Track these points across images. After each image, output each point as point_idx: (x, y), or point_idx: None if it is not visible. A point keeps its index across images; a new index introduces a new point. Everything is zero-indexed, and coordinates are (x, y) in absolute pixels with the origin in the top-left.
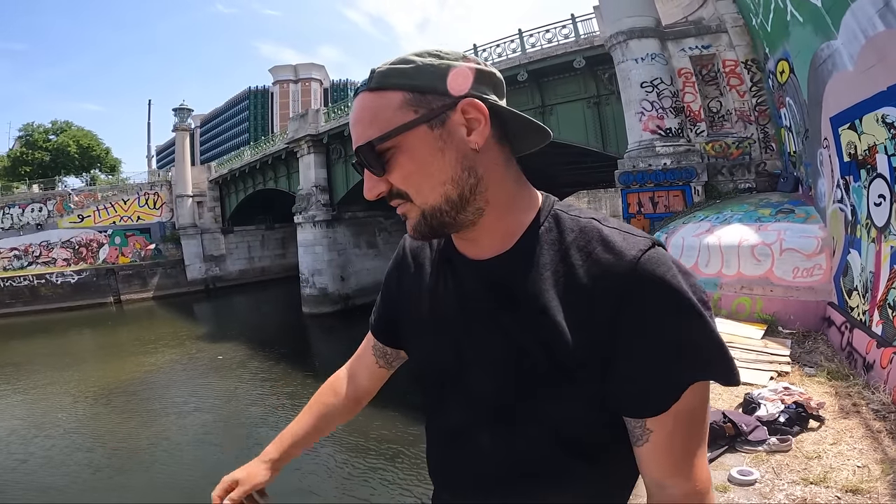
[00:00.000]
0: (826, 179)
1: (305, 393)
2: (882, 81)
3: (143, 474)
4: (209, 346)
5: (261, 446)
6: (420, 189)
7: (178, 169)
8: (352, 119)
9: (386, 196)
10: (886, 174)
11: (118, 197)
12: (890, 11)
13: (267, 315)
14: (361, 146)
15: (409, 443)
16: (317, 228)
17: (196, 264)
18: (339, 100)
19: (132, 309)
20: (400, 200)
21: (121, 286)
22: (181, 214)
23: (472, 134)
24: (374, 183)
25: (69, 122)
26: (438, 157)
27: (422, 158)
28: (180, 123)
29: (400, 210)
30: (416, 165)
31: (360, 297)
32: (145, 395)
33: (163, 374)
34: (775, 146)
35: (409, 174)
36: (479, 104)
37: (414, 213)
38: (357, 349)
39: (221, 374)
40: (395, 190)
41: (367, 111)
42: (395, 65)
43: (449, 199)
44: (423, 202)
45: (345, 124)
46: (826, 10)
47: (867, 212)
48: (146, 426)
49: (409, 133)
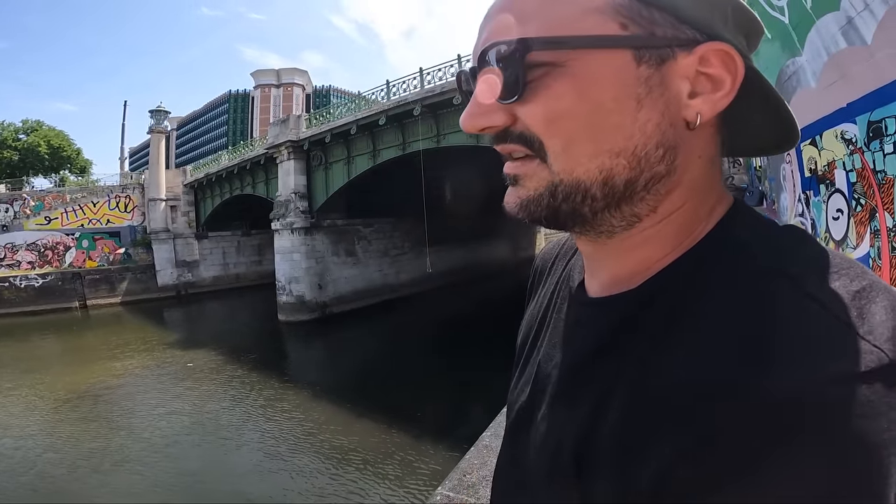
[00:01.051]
0: (788, 194)
1: (280, 400)
2: (842, 98)
3: (111, 479)
4: (179, 352)
5: (233, 455)
6: (572, 145)
7: (151, 172)
8: (495, 5)
9: (494, 137)
10: (844, 189)
11: (88, 199)
12: (853, 28)
13: (241, 322)
14: (502, 44)
15: (388, 453)
16: (295, 235)
17: (168, 270)
18: (322, 105)
19: (99, 314)
20: (520, 150)
21: (87, 291)
22: (153, 218)
23: (698, 99)
24: (488, 109)
25: (40, 121)
26: (630, 107)
27: (599, 99)
28: (156, 125)
29: (512, 168)
30: (586, 106)
31: (338, 306)
32: (111, 401)
33: (129, 381)
34: (742, 161)
35: (565, 115)
36: (734, 56)
37: (537, 180)
38: (333, 358)
39: (192, 381)
40: (519, 131)
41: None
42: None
43: (609, 180)
44: (567, 168)
45: (326, 131)
46: (793, 27)
47: (826, 226)
48: (113, 432)
49: (597, 53)
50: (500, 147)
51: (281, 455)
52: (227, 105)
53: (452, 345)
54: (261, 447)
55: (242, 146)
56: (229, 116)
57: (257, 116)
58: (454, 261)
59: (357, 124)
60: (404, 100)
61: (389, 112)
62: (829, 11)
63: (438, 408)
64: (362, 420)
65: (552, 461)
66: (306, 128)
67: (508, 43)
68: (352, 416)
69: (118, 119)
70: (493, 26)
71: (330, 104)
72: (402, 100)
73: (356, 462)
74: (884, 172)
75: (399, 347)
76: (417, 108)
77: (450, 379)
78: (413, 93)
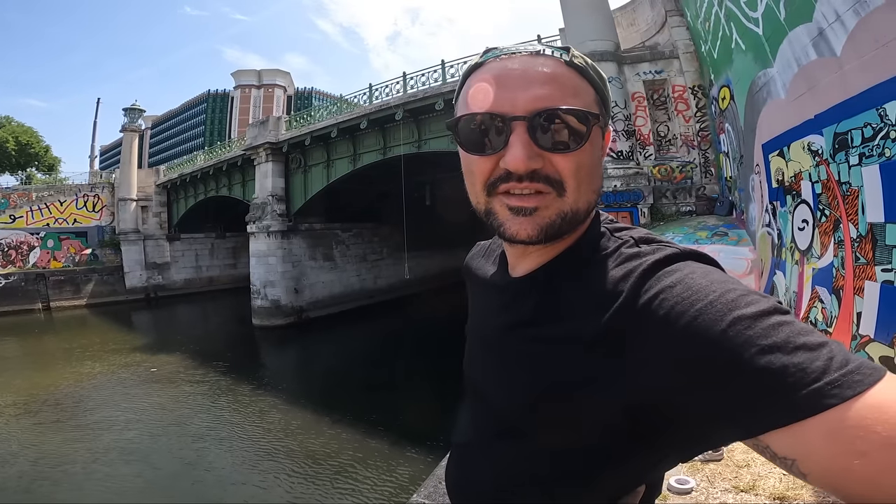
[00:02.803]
0: (756, 204)
1: (251, 406)
2: (810, 110)
3: (60, 490)
4: (144, 357)
5: (198, 466)
6: (581, 185)
7: (122, 171)
8: (537, 73)
9: (525, 176)
10: (810, 200)
11: (54, 198)
12: (823, 40)
13: (213, 326)
14: (578, 112)
15: (364, 459)
16: (271, 239)
17: (137, 272)
18: (303, 108)
19: (62, 317)
20: (543, 188)
21: (51, 292)
22: (123, 219)
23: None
24: (534, 154)
25: (9, 116)
26: (599, 163)
27: (596, 157)
28: (130, 124)
29: (532, 201)
30: (591, 161)
31: (314, 310)
32: (72, 407)
33: (91, 386)
34: (714, 171)
35: (583, 166)
36: (610, 135)
37: (552, 210)
38: (309, 363)
39: (157, 387)
40: (547, 173)
41: (568, 81)
42: (590, 62)
43: (590, 208)
44: (575, 201)
45: (306, 134)
46: (766, 38)
47: (792, 236)
48: (76, 439)
49: (597, 128)
50: (524, 185)
51: (249, 463)
52: (206, 105)
53: (430, 350)
54: (230, 455)
55: (219, 147)
56: (207, 116)
57: (236, 117)
58: (433, 266)
59: (338, 127)
60: (387, 104)
61: (371, 116)
62: (803, 23)
63: (415, 414)
64: (337, 426)
65: (505, 385)
66: (286, 130)
67: (588, 113)
68: (327, 422)
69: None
70: (541, 93)
71: (311, 106)
72: (385, 104)
73: (330, 469)
74: (848, 184)
75: (376, 353)
76: (399, 112)
77: (427, 385)
78: (396, 97)
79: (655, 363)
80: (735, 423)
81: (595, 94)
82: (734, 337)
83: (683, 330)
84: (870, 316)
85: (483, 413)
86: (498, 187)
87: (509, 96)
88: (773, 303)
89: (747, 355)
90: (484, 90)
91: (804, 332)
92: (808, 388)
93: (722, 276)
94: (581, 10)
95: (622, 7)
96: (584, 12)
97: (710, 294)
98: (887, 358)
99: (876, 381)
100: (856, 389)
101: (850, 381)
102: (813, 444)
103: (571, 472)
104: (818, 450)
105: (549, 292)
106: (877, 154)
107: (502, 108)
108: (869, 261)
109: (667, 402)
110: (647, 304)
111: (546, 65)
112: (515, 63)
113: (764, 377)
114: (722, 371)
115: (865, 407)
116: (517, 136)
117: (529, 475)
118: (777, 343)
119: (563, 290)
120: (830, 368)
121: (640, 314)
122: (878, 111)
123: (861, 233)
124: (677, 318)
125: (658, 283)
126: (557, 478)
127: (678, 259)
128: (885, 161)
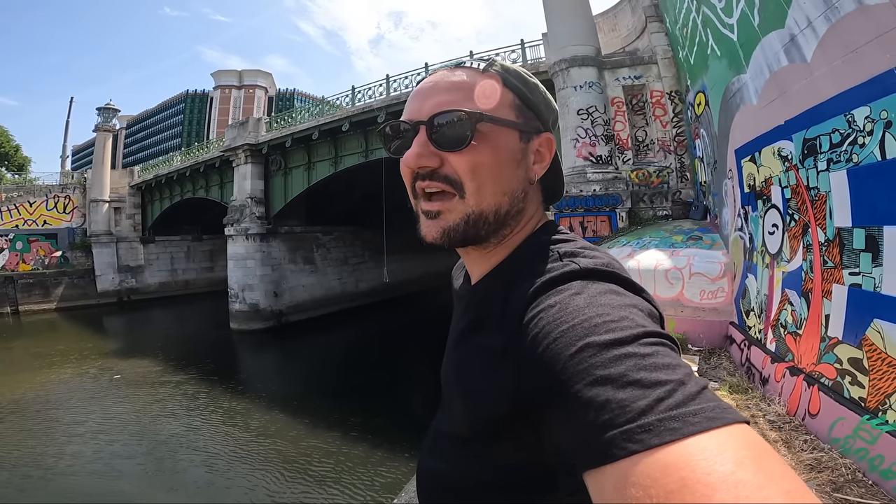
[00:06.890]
0: (729, 209)
1: (227, 411)
2: (780, 115)
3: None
4: (112, 362)
5: (170, 474)
6: (482, 186)
7: (95, 171)
8: (446, 82)
9: (424, 174)
10: (780, 205)
11: (24, 198)
12: (794, 46)
13: (189, 331)
14: (460, 111)
15: (343, 465)
16: (250, 242)
17: (109, 275)
18: (285, 109)
19: (31, 321)
20: (442, 188)
21: (19, 296)
22: (95, 220)
23: (536, 165)
24: (429, 152)
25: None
26: (513, 167)
27: (501, 159)
28: (103, 124)
29: (434, 204)
30: (494, 162)
31: (294, 314)
32: (39, 413)
33: (55, 393)
34: (690, 176)
35: (481, 166)
36: (552, 142)
37: (455, 213)
38: (288, 367)
39: (127, 394)
40: (446, 173)
41: (476, 86)
42: (518, 70)
43: (498, 211)
44: (477, 203)
45: (287, 135)
46: (740, 45)
47: (762, 240)
48: (43, 447)
49: (506, 130)
50: (427, 183)
51: (223, 471)
52: (184, 105)
53: (411, 354)
54: (204, 462)
55: (197, 148)
56: (185, 117)
57: (216, 118)
58: (415, 270)
59: (319, 129)
60: (369, 106)
61: (354, 118)
62: (775, 29)
63: (396, 418)
64: (317, 431)
65: (455, 378)
66: (266, 131)
67: (469, 112)
68: (306, 427)
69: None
70: (446, 96)
71: (293, 108)
72: (367, 106)
73: (309, 475)
74: (817, 189)
75: (357, 357)
76: (382, 114)
77: (408, 389)
78: (379, 100)
79: (525, 385)
80: (569, 460)
81: (514, 99)
82: (575, 365)
83: (540, 355)
84: (838, 318)
85: (446, 418)
86: (416, 188)
87: (418, 105)
88: (643, 330)
89: (578, 386)
90: (408, 103)
91: (652, 366)
92: (615, 430)
93: (608, 300)
94: (564, 15)
95: (604, 12)
96: (566, 17)
97: (577, 318)
98: (855, 360)
99: (701, 430)
100: (664, 438)
101: (665, 428)
102: (606, 495)
103: (510, 482)
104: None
105: (483, 301)
106: (844, 160)
107: (413, 115)
108: (837, 264)
109: (539, 426)
110: (528, 323)
111: (459, 75)
112: (436, 77)
113: (589, 412)
114: (560, 401)
115: (657, 462)
116: (417, 137)
117: (474, 481)
118: (612, 375)
119: (492, 299)
120: (655, 409)
121: (522, 332)
122: (846, 117)
123: (829, 237)
124: (540, 341)
125: (544, 301)
126: (501, 486)
127: (574, 278)
128: (853, 167)
